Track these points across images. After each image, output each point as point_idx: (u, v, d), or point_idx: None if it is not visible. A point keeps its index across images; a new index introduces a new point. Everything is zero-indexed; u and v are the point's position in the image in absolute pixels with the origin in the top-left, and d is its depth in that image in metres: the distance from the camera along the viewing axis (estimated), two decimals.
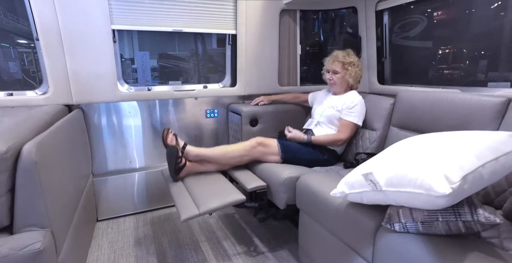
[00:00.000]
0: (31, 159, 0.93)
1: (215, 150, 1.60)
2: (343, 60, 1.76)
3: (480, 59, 1.61)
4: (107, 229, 1.87)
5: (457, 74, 1.74)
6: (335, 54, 1.81)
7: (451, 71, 1.77)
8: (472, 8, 1.60)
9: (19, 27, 1.75)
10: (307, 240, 1.44)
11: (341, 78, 1.77)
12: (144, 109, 2.03)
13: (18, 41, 1.82)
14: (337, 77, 1.78)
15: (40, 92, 1.72)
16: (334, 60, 1.79)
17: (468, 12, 1.62)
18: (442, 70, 1.82)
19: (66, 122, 1.42)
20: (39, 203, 0.96)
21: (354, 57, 1.80)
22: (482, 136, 0.89)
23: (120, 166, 2.03)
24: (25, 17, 1.64)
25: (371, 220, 1.02)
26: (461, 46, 1.70)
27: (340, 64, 1.76)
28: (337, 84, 1.80)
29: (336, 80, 1.79)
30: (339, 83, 1.79)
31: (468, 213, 0.81)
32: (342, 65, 1.76)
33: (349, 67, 1.76)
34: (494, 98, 1.27)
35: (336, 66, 1.77)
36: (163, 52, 2.24)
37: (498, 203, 1.18)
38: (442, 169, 0.77)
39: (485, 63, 1.60)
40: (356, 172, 1.01)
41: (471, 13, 1.61)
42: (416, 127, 1.55)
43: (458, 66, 1.73)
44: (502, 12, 1.48)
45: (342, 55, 1.78)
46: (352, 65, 1.76)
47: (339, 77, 1.78)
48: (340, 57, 1.77)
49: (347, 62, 1.76)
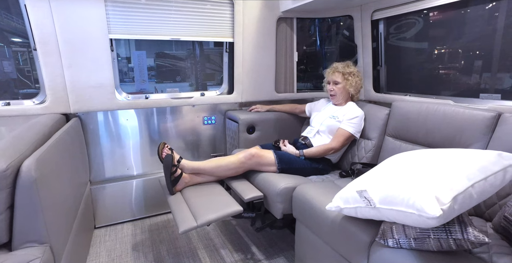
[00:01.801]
0: (31, 176, 0.94)
1: (210, 162, 1.62)
2: (343, 70, 1.79)
3: (472, 71, 1.65)
4: (105, 237, 1.88)
5: (450, 84, 1.77)
6: (334, 66, 1.84)
7: (444, 81, 1.81)
8: (467, 22, 1.63)
9: (12, 25, 1.73)
10: (303, 249, 1.47)
11: (342, 88, 1.80)
12: (141, 117, 2.04)
13: (13, 39, 1.79)
14: (338, 88, 1.80)
15: (37, 101, 1.72)
16: (334, 71, 1.82)
17: (462, 25, 1.65)
18: (436, 80, 1.86)
19: (64, 133, 1.43)
20: (38, 219, 0.97)
21: (354, 68, 1.83)
22: (473, 155, 0.92)
23: (118, 173, 2.04)
24: (19, 15, 1.62)
25: (366, 234, 1.05)
26: (455, 59, 1.73)
27: (340, 75, 1.79)
28: (338, 95, 1.82)
29: (337, 90, 1.81)
30: (340, 93, 1.81)
31: (459, 231, 0.84)
32: (342, 76, 1.79)
33: (349, 77, 1.78)
34: (485, 112, 1.30)
35: (337, 77, 1.80)
36: (160, 51, 2.25)
37: (488, 215, 1.21)
38: (433, 190, 0.80)
39: (477, 76, 1.63)
40: (351, 188, 1.03)
41: (465, 27, 1.64)
42: (410, 138, 1.58)
43: (451, 77, 1.76)
44: (495, 30, 1.51)
45: (342, 66, 1.81)
46: (352, 75, 1.79)
47: (340, 87, 1.80)
48: (340, 68, 1.80)
49: (347, 72, 1.78)
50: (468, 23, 1.62)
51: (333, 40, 2.59)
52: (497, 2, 1.48)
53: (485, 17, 1.54)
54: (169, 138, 2.15)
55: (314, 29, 2.58)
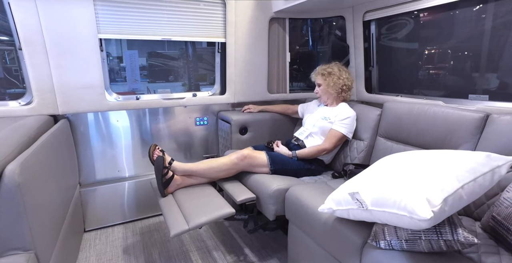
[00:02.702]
0: (14, 180, 0.91)
1: (202, 164, 1.60)
2: (322, 71, 1.82)
3: (461, 71, 1.67)
4: (95, 240, 1.84)
5: (440, 85, 1.80)
6: (318, 69, 1.88)
7: (434, 82, 1.83)
8: (456, 24, 1.65)
9: None
10: (296, 251, 1.47)
11: (324, 89, 1.82)
12: (133, 118, 2.00)
13: None
14: (321, 89, 1.85)
15: (23, 102, 1.67)
16: (317, 74, 1.86)
17: (452, 26, 1.67)
18: (427, 81, 1.88)
19: (52, 135, 1.39)
20: (22, 225, 0.94)
21: (336, 67, 1.82)
22: (463, 156, 0.93)
23: (109, 175, 2.00)
24: (3, 12, 1.56)
25: (358, 236, 1.05)
26: (445, 60, 1.76)
27: (320, 76, 1.83)
28: (322, 96, 1.86)
29: (320, 92, 1.86)
30: (323, 94, 1.85)
31: (449, 232, 0.85)
32: (321, 76, 1.82)
33: (327, 78, 1.80)
34: (473, 113, 1.32)
35: (318, 79, 1.84)
36: (152, 50, 2.22)
37: (477, 215, 1.23)
38: (424, 192, 0.80)
39: (465, 76, 1.66)
40: (343, 190, 1.03)
41: (455, 29, 1.66)
42: (401, 138, 1.59)
43: (441, 78, 1.79)
44: (483, 31, 1.53)
45: (323, 68, 1.84)
46: (331, 74, 1.79)
47: (322, 89, 1.83)
48: (320, 70, 1.84)
49: (326, 73, 1.81)
50: (457, 25, 1.64)
51: (326, 40, 2.60)
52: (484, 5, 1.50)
53: (472, 20, 1.56)
54: (161, 139, 2.13)
55: (306, 29, 2.58)
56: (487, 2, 1.49)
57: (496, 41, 1.48)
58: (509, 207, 0.97)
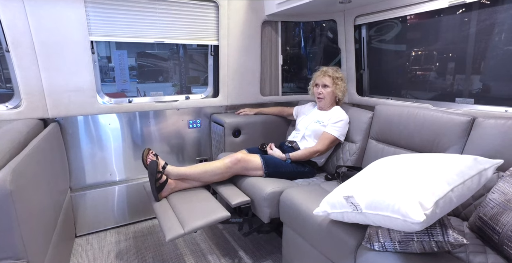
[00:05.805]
0: (6, 188, 0.89)
1: (196, 168, 1.60)
2: (333, 75, 1.82)
3: (448, 75, 1.73)
4: (86, 246, 1.81)
5: (428, 88, 1.85)
6: (324, 69, 1.86)
7: (423, 85, 1.89)
8: (445, 28, 1.71)
9: None
10: (290, 253, 1.48)
11: (331, 92, 1.83)
12: (124, 121, 1.98)
13: None
14: (327, 92, 1.82)
15: (11, 106, 1.63)
16: (324, 75, 1.84)
17: (439, 31, 1.73)
18: (416, 84, 1.93)
19: (42, 140, 1.36)
20: (14, 234, 0.92)
21: (342, 73, 1.88)
22: (451, 160, 0.97)
23: (100, 179, 1.97)
24: None
25: (352, 238, 1.07)
26: (432, 64, 1.81)
27: (330, 79, 1.82)
28: (325, 99, 1.84)
29: (325, 94, 1.82)
30: (328, 97, 1.83)
31: (440, 233, 0.88)
32: (332, 80, 1.82)
33: (339, 82, 1.83)
34: (460, 116, 1.37)
35: (327, 80, 1.82)
36: (142, 50, 2.20)
37: (464, 215, 1.28)
38: (417, 195, 0.83)
39: (452, 80, 1.72)
40: (338, 193, 1.05)
41: (443, 32, 1.72)
42: (392, 141, 1.63)
43: (429, 82, 1.84)
44: (468, 35, 1.59)
45: (332, 70, 1.85)
46: (341, 80, 1.84)
47: (329, 91, 1.82)
48: (330, 72, 1.83)
49: (336, 77, 1.82)
50: (444, 29, 1.70)
51: (317, 41, 2.63)
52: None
53: (456, 26, 1.62)
54: (154, 142, 2.11)
55: (298, 30, 2.61)
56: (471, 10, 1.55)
57: (481, 46, 1.54)
58: (495, 207, 1.01)
